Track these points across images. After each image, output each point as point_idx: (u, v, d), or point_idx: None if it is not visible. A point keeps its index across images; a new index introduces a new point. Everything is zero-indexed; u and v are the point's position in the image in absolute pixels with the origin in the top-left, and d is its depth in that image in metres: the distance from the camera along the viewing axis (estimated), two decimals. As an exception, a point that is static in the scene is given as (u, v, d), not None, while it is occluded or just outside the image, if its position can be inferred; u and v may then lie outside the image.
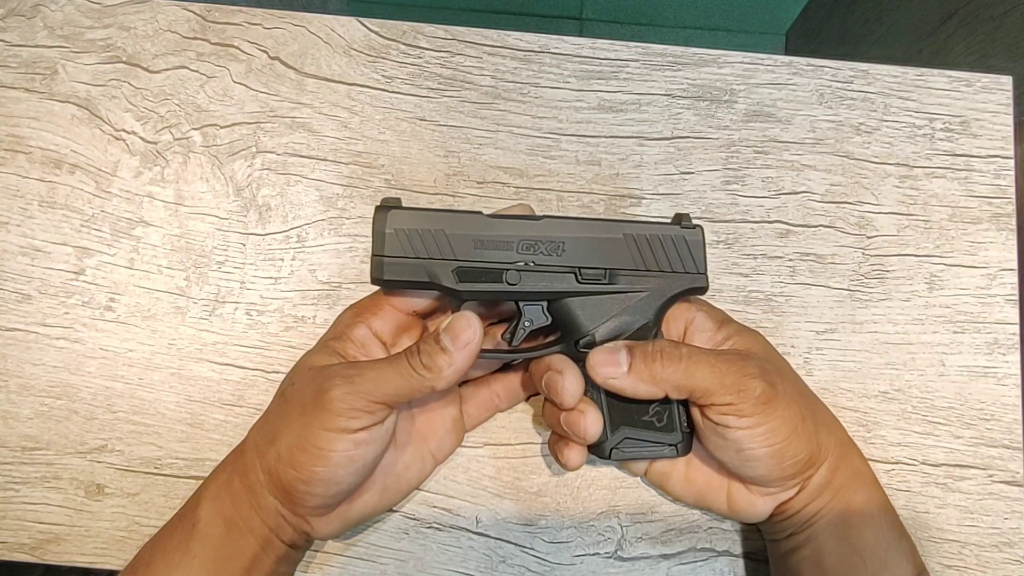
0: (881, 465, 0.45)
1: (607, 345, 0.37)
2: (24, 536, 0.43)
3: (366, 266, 0.46)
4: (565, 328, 0.39)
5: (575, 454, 0.39)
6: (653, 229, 0.39)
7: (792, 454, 0.36)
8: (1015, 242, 0.48)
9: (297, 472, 0.34)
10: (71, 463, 0.43)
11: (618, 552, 0.44)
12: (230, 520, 0.36)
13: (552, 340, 0.41)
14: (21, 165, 0.47)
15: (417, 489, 0.44)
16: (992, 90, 0.50)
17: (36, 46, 0.48)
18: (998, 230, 0.48)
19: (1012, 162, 0.49)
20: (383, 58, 0.49)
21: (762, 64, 0.50)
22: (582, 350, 0.38)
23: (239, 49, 0.49)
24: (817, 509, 0.38)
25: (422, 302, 0.40)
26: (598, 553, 0.44)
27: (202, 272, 0.46)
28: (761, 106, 0.49)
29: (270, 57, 0.49)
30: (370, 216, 0.37)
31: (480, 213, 0.38)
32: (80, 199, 0.46)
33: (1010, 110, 0.50)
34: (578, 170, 0.48)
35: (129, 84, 0.48)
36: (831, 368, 0.46)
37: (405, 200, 0.38)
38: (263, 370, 0.45)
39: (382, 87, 0.49)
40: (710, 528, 0.44)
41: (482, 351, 0.37)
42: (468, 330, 0.35)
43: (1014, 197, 0.49)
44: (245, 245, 0.46)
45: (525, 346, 0.40)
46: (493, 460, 0.45)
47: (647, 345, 0.37)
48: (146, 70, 0.48)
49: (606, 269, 0.39)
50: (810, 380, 0.43)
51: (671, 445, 0.39)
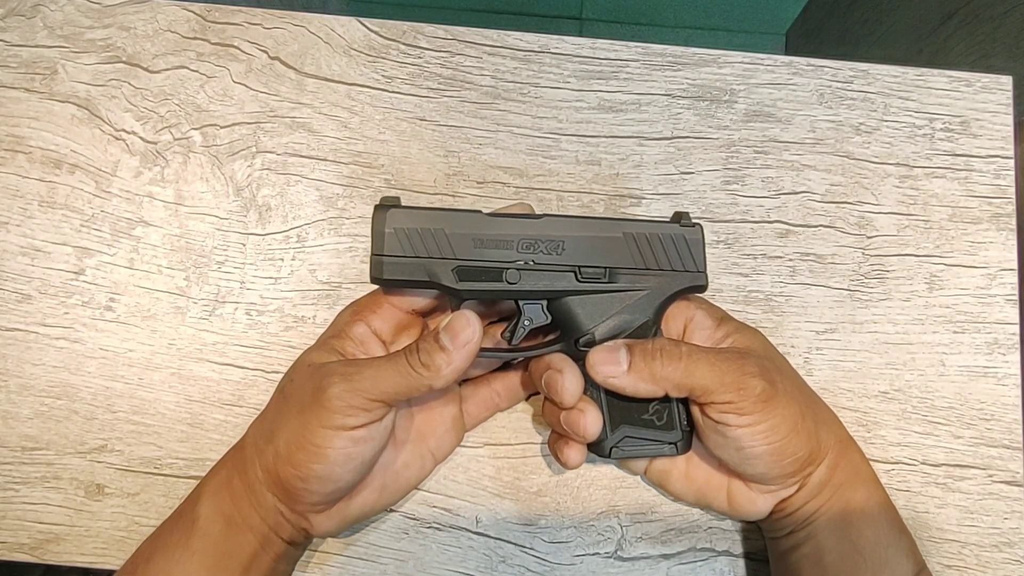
0: (881, 465, 0.45)
1: (607, 344, 0.37)
2: (24, 536, 0.43)
3: (366, 266, 0.46)
4: (565, 327, 0.39)
5: (575, 453, 0.39)
6: (653, 228, 0.39)
7: (792, 452, 0.36)
8: (1015, 242, 0.48)
9: (295, 469, 0.34)
10: (71, 463, 0.43)
11: (618, 552, 0.44)
12: (229, 517, 0.36)
13: (552, 339, 0.41)
14: (21, 165, 0.47)
15: (417, 489, 0.44)
16: (992, 90, 0.50)
17: (36, 46, 0.48)
18: (998, 230, 0.48)
19: (1012, 162, 0.49)
20: (383, 58, 0.49)
21: (762, 64, 0.50)
22: (582, 349, 0.38)
23: (239, 49, 0.49)
24: (817, 507, 0.38)
25: (422, 300, 0.40)
26: (598, 553, 0.44)
27: (202, 272, 0.46)
28: (761, 106, 0.49)
29: (270, 57, 0.49)
30: (370, 216, 0.37)
31: (480, 212, 0.38)
32: (80, 199, 0.46)
33: (1010, 110, 0.50)
34: (578, 170, 0.48)
35: (129, 84, 0.48)
36: (831, 368, 0.46)
37: (405, 200, 0.38)
38: (263, 370, 0.45)
39: (382, 87, 0.49)
40: (710, 528, 0.44)
41: (482, 350, 0.37)
42: (467, 329, 0.35)
43: (1014, 197, 0.49)
44: (245, 245, 0.46)
45: (525, 345, 0.40)
46: (493, 460, 0.45)
47: (647, 343, 0.37)
48: (146, 70, 0.48)
49: (606, 268, 0.39)
50: (810, 380, 0.43)
51: (671, 443, 0.39)
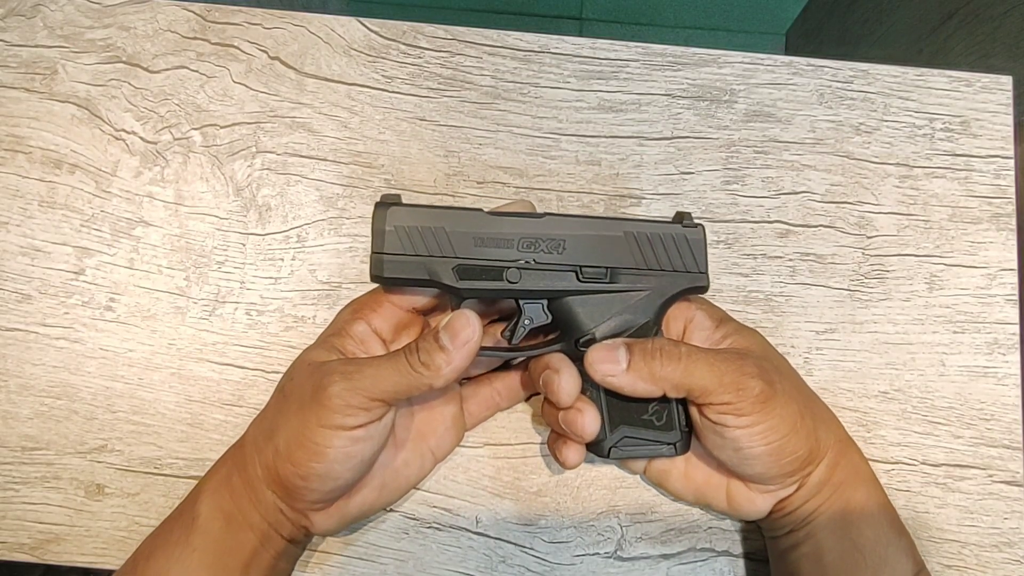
0: (881, 465, 0.45)
1: (606, 343, 0.37)
2: (24, 536, 0.43)
3: (366, 266, 0.46)
4: (565, 326, 0.39)
5: (573, 452, 0.39)
6: (654, 228, 0.39)
7: (791, 451, 0.36)
8: (1015, 242, 0.48)
9: (294, 468, 0.34)
10: (71, 463, 0.43)
11: (618, 552, 0.44)
12: (229, 515, 0.36)
13: (552, 339, 0.41)
14: (21, 165, 0.47)
15: (416, 489, 0.44)
16: (992, 90, 0.50)
17: (36, 46, 0.48)
18: (998, 230, 0.48)
19: (1012, 162, 0.49)
20: (383, 58, 0.49)
21: (762, 64, 0.50)
22: (582, 349, 0.38)
23: (239, 49, 0.49)
24: (816, 506, 0.38)
25: (422, 299, 0.40)
26: (598, 553, 0.44)
27: (202, 272, 0.46)
28: (761, 106, 0.49)
29: (270, 57, 0.49)
30: (370, 216, 0.37)
31: (480, 210, 0.38)
32: (80, 199, 0.46)
33: (1010, 110, 0.50)
34: (578, 170, 0.48)
35: (129, 84, 0.48)
36: (831, 368, 0.46)
37: (405, 200, 0.38)
38: (263, 370, 0.45)
39: (382, 87, 0.49)
40: (710, 528, 0.44)
41: (482, 349, 0.37)
42: (467, 329, 0.35)
43: (1014, 197, 0.49)
44: (245, 245, 0.46)
45: (525, 344, 0.40)
46: (493, 460, 0.45)
47: (646, 343, 0.37)
48: (146, 70, 0.48)
49: (607, 267, 0.38)
50: (810, 380, 0.43)
51: (670, 444, 0.39)
